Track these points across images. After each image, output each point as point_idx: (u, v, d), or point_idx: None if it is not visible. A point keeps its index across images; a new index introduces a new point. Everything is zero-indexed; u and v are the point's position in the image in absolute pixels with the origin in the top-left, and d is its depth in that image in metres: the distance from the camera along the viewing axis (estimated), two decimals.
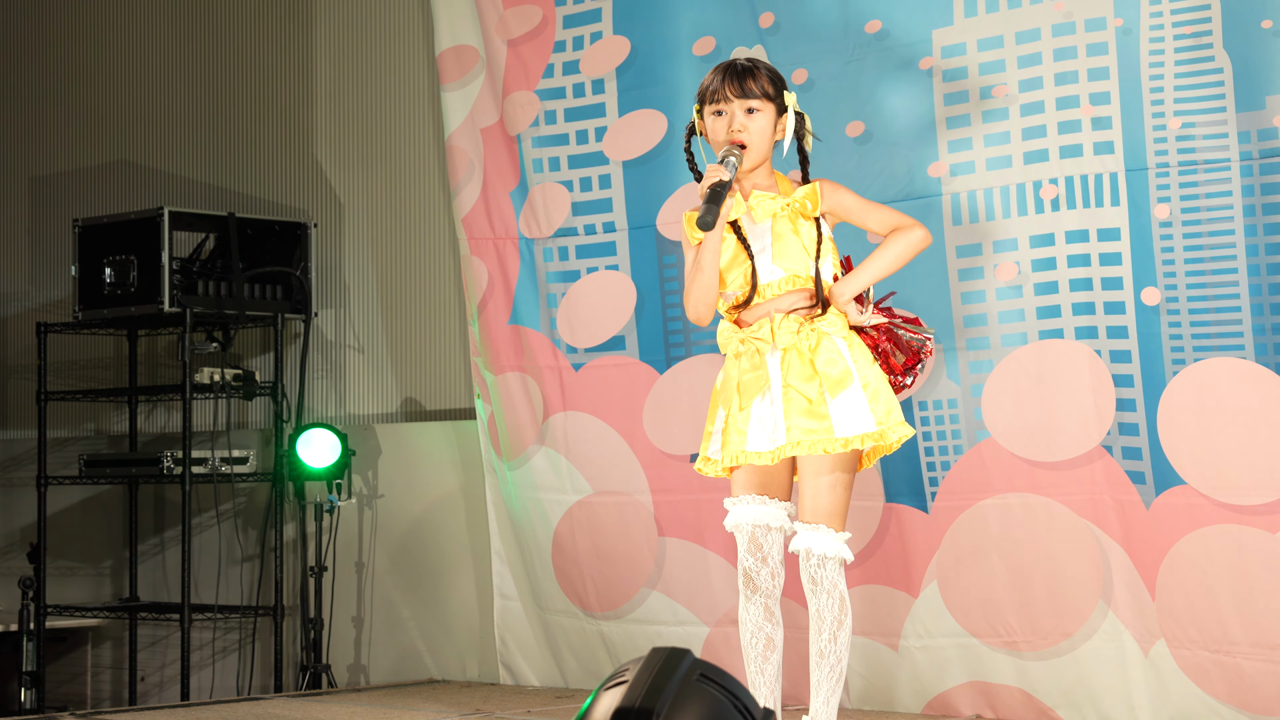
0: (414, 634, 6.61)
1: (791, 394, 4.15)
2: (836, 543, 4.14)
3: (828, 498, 4.15)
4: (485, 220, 6.15)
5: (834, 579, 4.14)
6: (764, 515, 4.23)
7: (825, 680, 4.18)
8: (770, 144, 4.28)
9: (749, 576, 4.23)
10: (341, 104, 7.00)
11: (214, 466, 6.72)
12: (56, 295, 7.64)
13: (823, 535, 4.14)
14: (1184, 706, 4.94)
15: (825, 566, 4.13)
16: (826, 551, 4.13)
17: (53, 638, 7.24)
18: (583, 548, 5.96)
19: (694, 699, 3.03)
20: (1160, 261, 4.94)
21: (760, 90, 4.25)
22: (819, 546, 4.13)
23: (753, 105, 4.25)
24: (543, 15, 6.04)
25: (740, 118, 4.25)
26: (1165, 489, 4.93)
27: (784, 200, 4.24)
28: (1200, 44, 4.88)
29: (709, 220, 4.12)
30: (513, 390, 6.09)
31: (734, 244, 4.25)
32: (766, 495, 4.23)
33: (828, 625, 4.14)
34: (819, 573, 4.13)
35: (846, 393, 4.14)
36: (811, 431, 4.12)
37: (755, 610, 4.24)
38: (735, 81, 4.26)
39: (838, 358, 4.16)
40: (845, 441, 4.11)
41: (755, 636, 4.26)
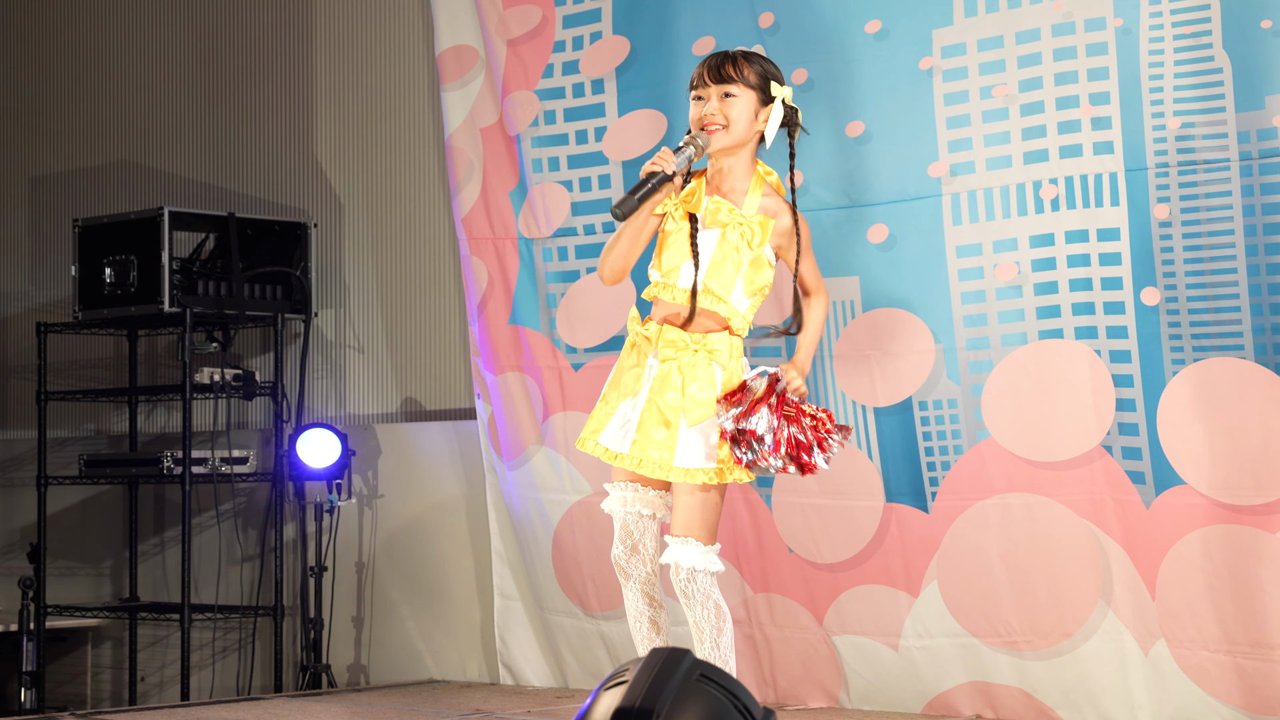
0: (414, 634, 6.61)
1: (652, 408, 4.19)
2: (705, 556, 4.19)
3: (698, 514, 4.20)
4: (485, 220, 6.16)
5: (705, 590, 4.19)
6: (636, 502, 4.29)
7: None
8: (749, 131, 4.28)
9: (619, 565, 4.33)
10: (341, 104, 7.00)
11: (214, 466, 6.72)
12: (56, 295, 7.64)
13: (690, 549, 4.18)
14: (1184, 706, 4.94)
15: (695, 580, 4.18)
16: (695, 565, 4.18)
17: (53, 638, 7.24)
18: (583, 548, 5.96)
19: (694, 699, 3.03)
20: (1160, 261, 4.94)
21: (739, 76, 4.26)
22: (686, 560, 4.18)
23: (730, 90, 4.26)
24: (542, 15, 6.04)
25: (715, 103, 4.26)
26: (1165, 489, 4.93)
27: (739, 218, 4.24)
28: (1200, 44, 4.88)
29: (619, 211, 4.16)
30: (513, 390, 6.09)
31: (683, 240, 4.26)
32: (639, 484, 4.28)
33: (708, 635, 4.21)
34: (689, 586, 4.19)
35: (702, 426, 4.17)
36: (656, 450, 4.18)
37: (633, 595, 4.34)
38: (714, 68, 4.28)
39: (709, 386, 4.19)
40: (686, 472, 4.17)
41: (638, 620, 4.38)
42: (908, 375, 5.32)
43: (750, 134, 4.28)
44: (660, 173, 4.17)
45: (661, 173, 4.17)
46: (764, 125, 4.28)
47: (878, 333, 5.37)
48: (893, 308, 5.35)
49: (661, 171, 4.17)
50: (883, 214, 5.35)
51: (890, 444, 5.36)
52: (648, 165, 4.18)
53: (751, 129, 4.28)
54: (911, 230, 5.31)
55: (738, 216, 4.24)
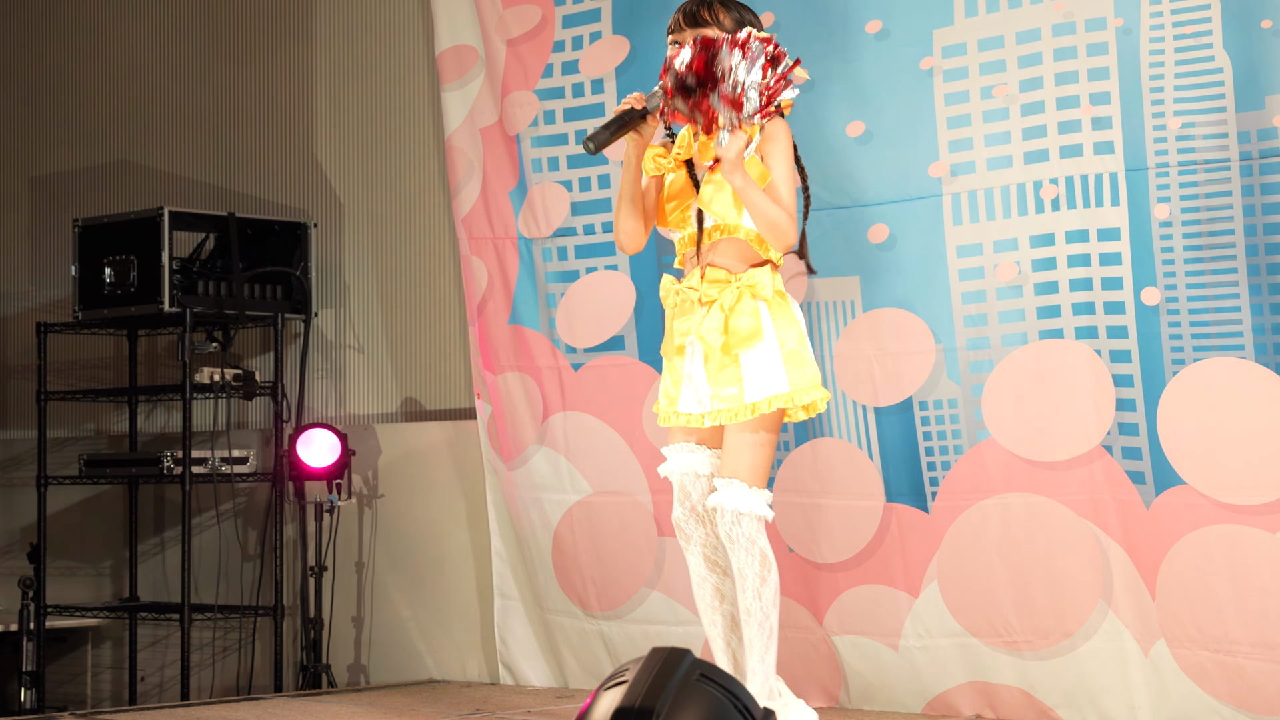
0: (414, 634, 6.61)
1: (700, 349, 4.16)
2: (750, 498, 4.11)
3: (745, 455, 4.14)
4: (484, 220, 6.16)
5: (751, 535, 4.11)
6: (692, 463, 4.26)
7: (757, 638, 4.17)
8: None
9: (679, 527, 4.28)
10: (341, 104, 7.00)
11: (214, 466, 6.72)
12: (56, 295, 7.64)
13: (736, 490, 4.11)
14: (1184, 706, 4.94)
15: (740, 523, 4.11)
16: (739, 507, 4.10)
17: (53, 638, 7.24)
18: (583, 548, 5.96)
19: (694, 699, 3.03)
20: (1160, 261, 4.94)
21: (714, 20, 4.26)
22: (731, 502, 4.11)
23: (705, 34, 4.25)
24: (542, 15, 6.04)
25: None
26: (1165, 489, 4.93)
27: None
28: (1200, 44, 4.88)
29: (592, 143, 4.17)
30: (512, 390, 6.09)
31: (684, 181, 4.26)
32: (694, 442, 4.25)
33: (750, 583, 4.12)
34: (734, 529, 4.11)
35: (757, 351, 4.12)
36: (727, 400, 4.13)
37: (695, 559, 4.29)
38: (689, 12, 4.29)
39: (753, 316, 4.15)
40: (753, 408, 4.12)
41: (700, 586, 4.31)
42: (908, 375, 5.32)
43: None
44: (632, 110, 4.17)
45: (633, 109, 4.17)
46: None
47: (878, 333, 5.37)
48: (893, 307, 5.34)
49: (632, 108, 4.17)
50: (883, 214, 5.35)
51: (890, 444, 5.36)
52: (622, 103, 4.20)
53: None
54: (912, 230, 5.31)
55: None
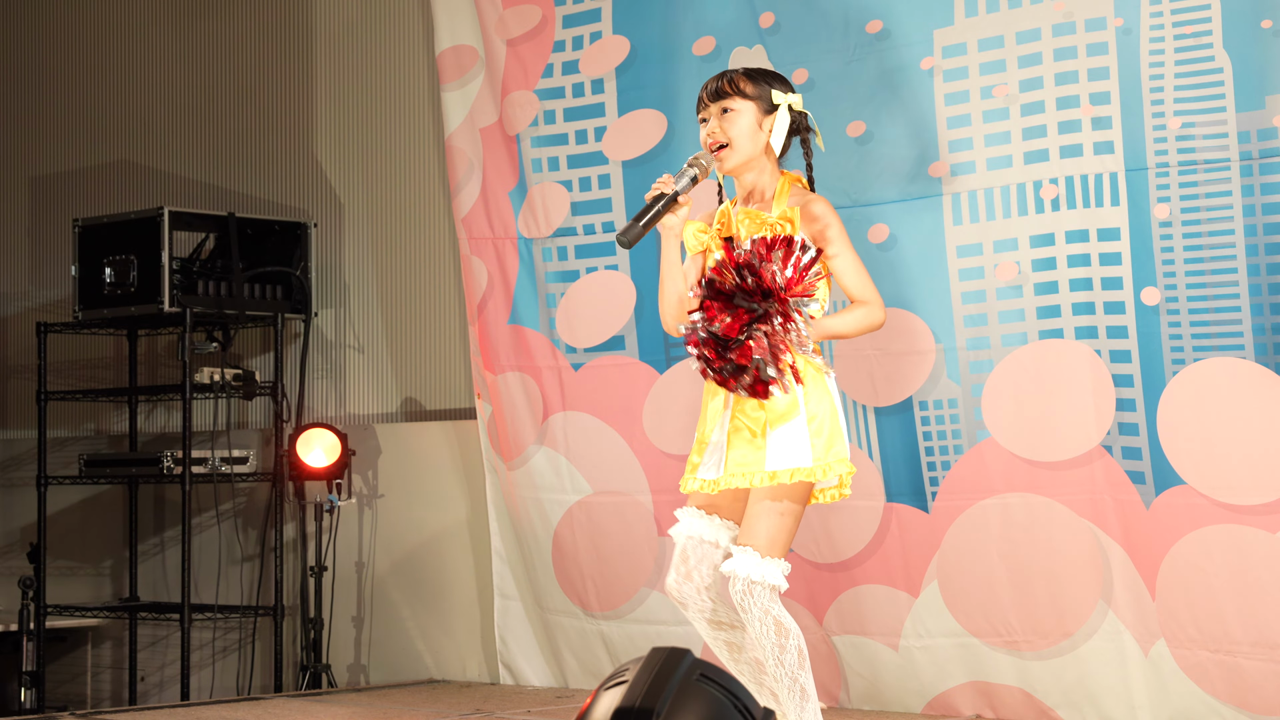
0: (414, 634, 6.60)
1: (738, 423, 4.08)
2: (763, 567, 3.99)
3: (763, 523, 4.02)
4: (484, 220, 6.16)
5: (764, 605, 3.99)
6: (699, 528, 4.14)
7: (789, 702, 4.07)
8: (755, 142, 4.19)
9: (671, 594, 4.15)
10: (341, 104, 7.00)
11: (214, 466, 6.72)
12: (56, 295, 7.64)
13: (747, 559, 4.00)
14: (1184, 706, 4.94)
15: (752, 593, 3.98)
16: (752, 576, 3.98)
17: (53, 638, 7.24)
18: (583, 548, 5.96)
19: (694, 699, 3.03)
20: (1160, 261, 4.94)
21: (735, 90, 4.19)
22: (743, 570, 3.99)
23: (728, 105, 4.18)
24: (542, 15, 6.04)
25: (715, 121, 4.20)
26: (1165, 489, 4.93)
27: (766, 220, 4.14)
28: (1200, 44, 4.88)
29: (624, 239, 4.05)
30: (512, 390, 6.09)
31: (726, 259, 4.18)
32: (709, 511, 4.18)
33: (770, 653, 4.02)
34: (746, 599, 3.99)
35: (788, 426, 4.03)
36: (745, 464, 4.04)
37: (699, 624, 4.16)
38: (711, 89, 4.21)
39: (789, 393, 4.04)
40: (773, 475, 4.01)
41: (714, 644, 4.19)
42: (908, 375, 5.32)
43: (758, 146, 4.19)
44: (662, 194, 4.11)
45: (663, 194, 4.11)
46: (769, 135, 4.22)
47: (878, 333, 5.36)
48: (893, 307, 5.34)
49: (662, 193, 4.11)
50: (883, 214, 5.35)
51: (890, 444, 5.36)
52: (653, 189, 4.13)
53: (757, 140, 4.19)
54: (912, 230, 5.31)
55: (764, 219, 4.14)
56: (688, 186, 4.13)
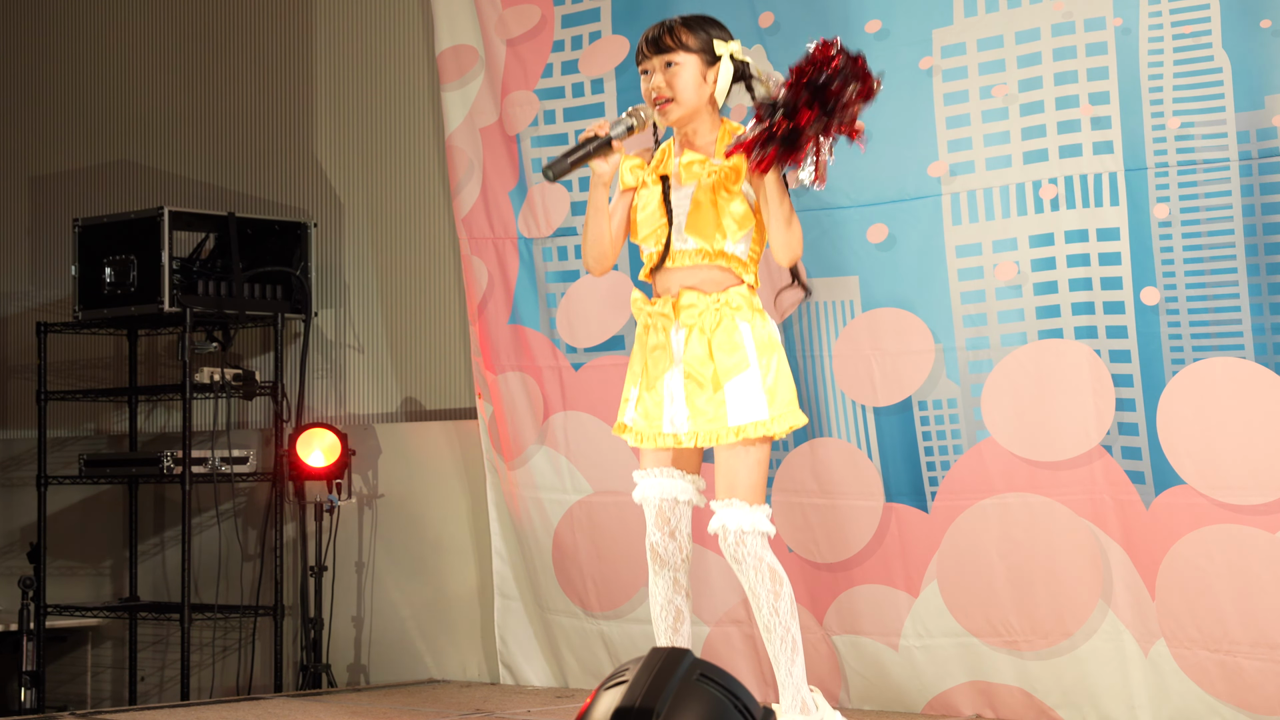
0: (414, 634, 6.61)
1: (690, 380, 4.13)
2: (753, 516, 4.09)
3: (741, 474, 4.11)
4: (485, 220, 6.16)
5: (758, 553, 4.09)
6: (672, 489, 4.22)
7: (781, 653, 4.15)
8: (700, 95, 4.22)
9: (655, 552, 4.24)
10: (341, 104, 7.00)
11: (214, 466, 6.72)
12: (56, 295, 7.64)
13: (737, 510, 4.09)
14: (1184, 706, 4.94)
15: (745, 542, 4.08)
16: (743, 526, 4.08)
17: (53, 637, 7.24)
18: (583, 548, 5.96)
19: (694, 699, 3.03)
20: (1159, 261, 4.94)
21: (678, 43, 4.22)
22: (734, 522, 4.08)
23: (671, 59, 4.22)
24: (541, 15, 6.04)
25: (659, 75, 4.23)
26: (1165, 489, 4.93)
27: (711, 166, 4.18)
28: (1199, 44, 4.88)
29: (551, 172, 4.12)
30: (513, 390, 6.09)
31: (657, 203, 4.23)
32: (674, 468, 4.22)
33: (764, 600, 4.09)
34: (739, 550, 4.09)
35: (740, 378, 4.10)
36: (708, 421, 4.10)
37: (664, 584, 4.24)
38: (653, 39, 4.25)
39: (736, 341, 4.12)
40: (738, 430, 4.09)
41: (665, 610, 4.27)
42: (907, 375, 5.32)
43: (701, 98, 4.23)
44: (595, 137, 4.14)
45: (595, 137, 4.14)
46: (714, 86, 4.24)
47: (877, 333, 5.37)
48: (892, 307, 5.35)
49: (595, 136, 4.15)
50: (882, 214, 5.35)
51: (890, 444, 5.36)
52: (585, 130, 4.17)
53: (702, 92, 4.22)
54: (911, 230, 5.32)
55: (711, 165, 4.18)
56: (622, 135, 4.17)
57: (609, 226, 4.27)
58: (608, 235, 4.27)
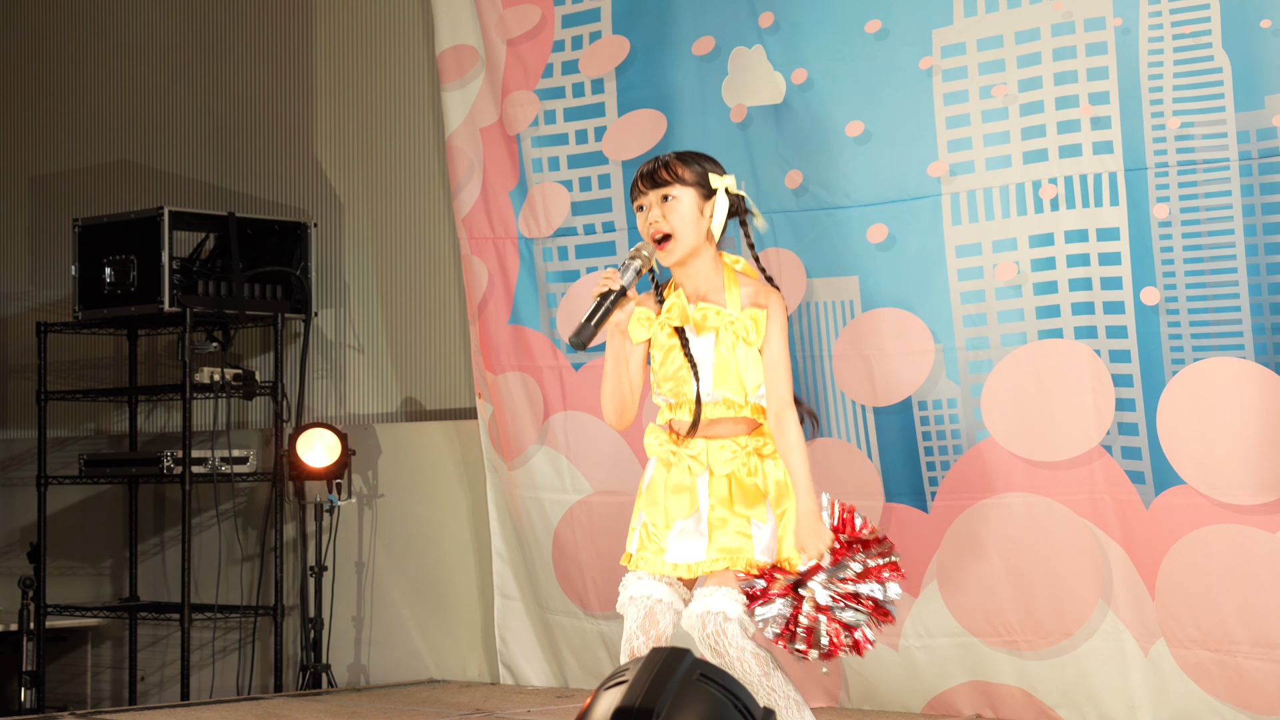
0: (414, 634, 6.61)
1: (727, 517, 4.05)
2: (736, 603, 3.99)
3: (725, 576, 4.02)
4: (485, 220, 6.16)
5: (739, 643, 3.98)
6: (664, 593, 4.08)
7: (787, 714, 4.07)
8: (698, 230, 4.10)
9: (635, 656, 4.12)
10: (341, 104, 7.00)
11: (214, 466, 6.72)
12: (56, 295, 7.64)
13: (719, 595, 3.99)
14: (1184, 706, 4.94)
15: (725, 632, 3.97)
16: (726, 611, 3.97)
17: (53, 637, 7.24)
18: (583, 547, 5.96)
19: (694, 699, 3.03)
20: (1159, 261, 4.94)
21: (674, 177, 4.08)
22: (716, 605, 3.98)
23: (668, 193, 4.08)
24: (542, 15, 6.04)
25: (656, 210, 4.15)
26: (1165, 489, 4.93)
27: (729, 318, 4.08)
28: (1199, 44, 4.88)
29: (578, 340, 4.00)
30: (513, 390, 6.09)
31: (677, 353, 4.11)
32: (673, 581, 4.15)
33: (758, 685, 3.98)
34: (720, 641, 3.97)
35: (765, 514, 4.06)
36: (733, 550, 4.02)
37: None
38: (649, 174, 4.12)
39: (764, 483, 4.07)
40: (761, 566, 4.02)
41: None
42: (907, 375, 5.32)
43: (701, 233, 4.10)
44: (610, 291, 4.06)
45: (610, 291, 4.07)
46: (709, 220, 4.11)
47: (877, 332, 5.37)
48: (892, 307, 5.34)
49: (610, 290, 4.07)
50: (882, 214, 5.35)
51: (890, 444, 5.36)
52: (596, 286, 4.09)
53: (700, 227, 4.10)
54: (911, 230, 5.31)
55: (727, 316, 4.09)
56: (633, 280, 4.08)
57: (629, 379, 4.19)
58: (628, 387, 4.18)
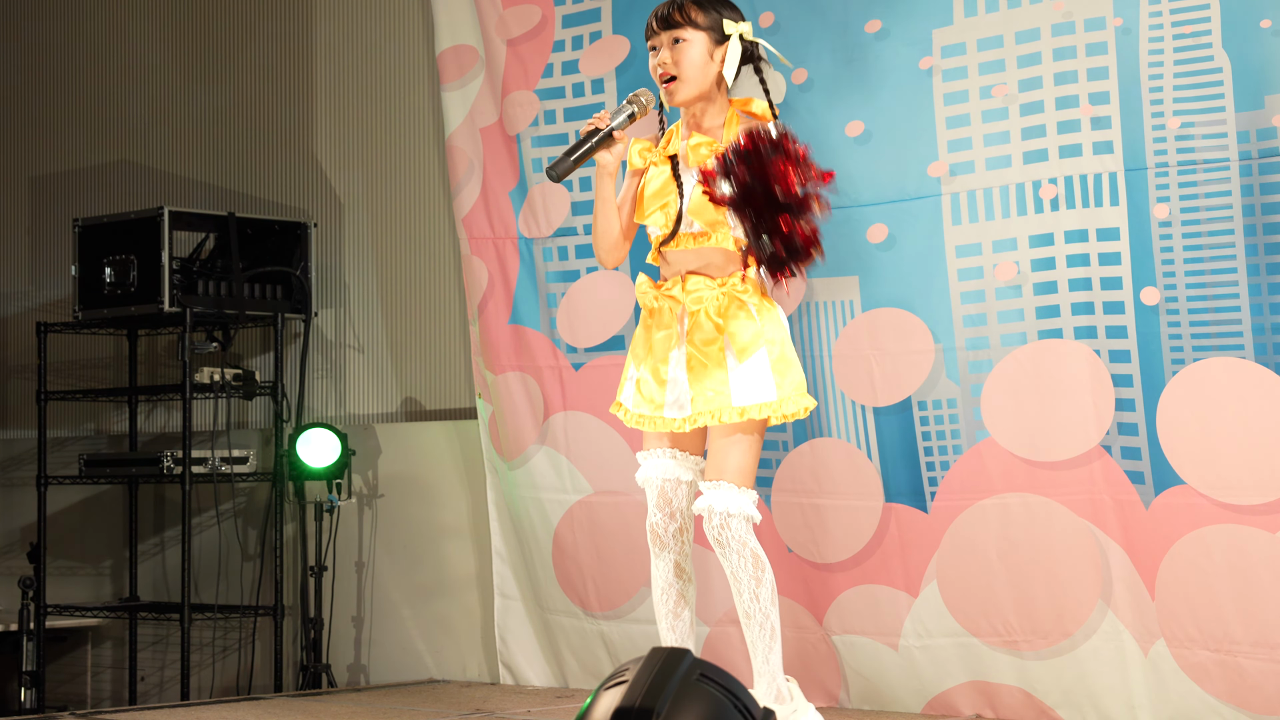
0: (414, 634, 6.61)
1: (695, 359, 4.08)
2: (739, 499, 4.04)
3: (733, 457, 4.06)
4: (485, 220, 6.16)
5: (741, 537, 4.03)
6: (674, 469, 4.15)
7: (759, 640, 4.11)
8: (706, 74, 4.14)
9: (655, 533, 4.18)
10: (341, 104, 7.00)
11: (214, 466, 6.72)
12: (56, 295, 7.64)
13: (723, 493, 4.03)
14: (1184, 706, 4.94)
15: (729, 525, 4.02)
16: (729, 508, 4.02)
17: (53, 637, 7.24)
18: (583, 548, 5.96)
19: (694, 699, 3.03)
20: (1159, 261, 4.94)
21: (686, 20, 4.12)
22: (720, 504, 4.03)
23: (679, 35, 4.12)
24: (542, 15, 6.04)
25: (666, 52, 4.16)
26: (1165, 489, 4.93)
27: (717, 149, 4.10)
28: (1199, 44, 4.88)
29: (554, 172, 4.05)
30: (513, 390, 6.09)
31: (665, 180, 4.17)
32: (677, 449, 4.17)
33: (745, 585, 4.03)
34: (723, 533, 4.03)
35: (752, 359, 4.05)
36: (710, 401, 4.05)
37: (664, 567, 4.17)
38: (662, 15, 4.17)
39: (743, 324, 4.06)
40: (742, 411, 4.04)
41: (665, 593, 4.20)
42: (907, 375, 5.32)
43: (708, 77, 4.14)
44: (596, 130, 4.09)
45: (597, 130, 4.09)
46: (721, 66, 4.16)
47: (877, 333, 5.37)
48: (892, 307, 5.35)
49: (596, 129, 4.09)
50: (882, 214, 5.36)
51: (890, 444, 5.36)
52: (587, 124, 4.12)
53: (708, 71, 4.14)
54: (911, 230, 5.32)
55: (716, 148, 4.12)
56: (624, 124, 4.10)
57: (618, 216, 4.22)
58: (617, 224, 4.22)
